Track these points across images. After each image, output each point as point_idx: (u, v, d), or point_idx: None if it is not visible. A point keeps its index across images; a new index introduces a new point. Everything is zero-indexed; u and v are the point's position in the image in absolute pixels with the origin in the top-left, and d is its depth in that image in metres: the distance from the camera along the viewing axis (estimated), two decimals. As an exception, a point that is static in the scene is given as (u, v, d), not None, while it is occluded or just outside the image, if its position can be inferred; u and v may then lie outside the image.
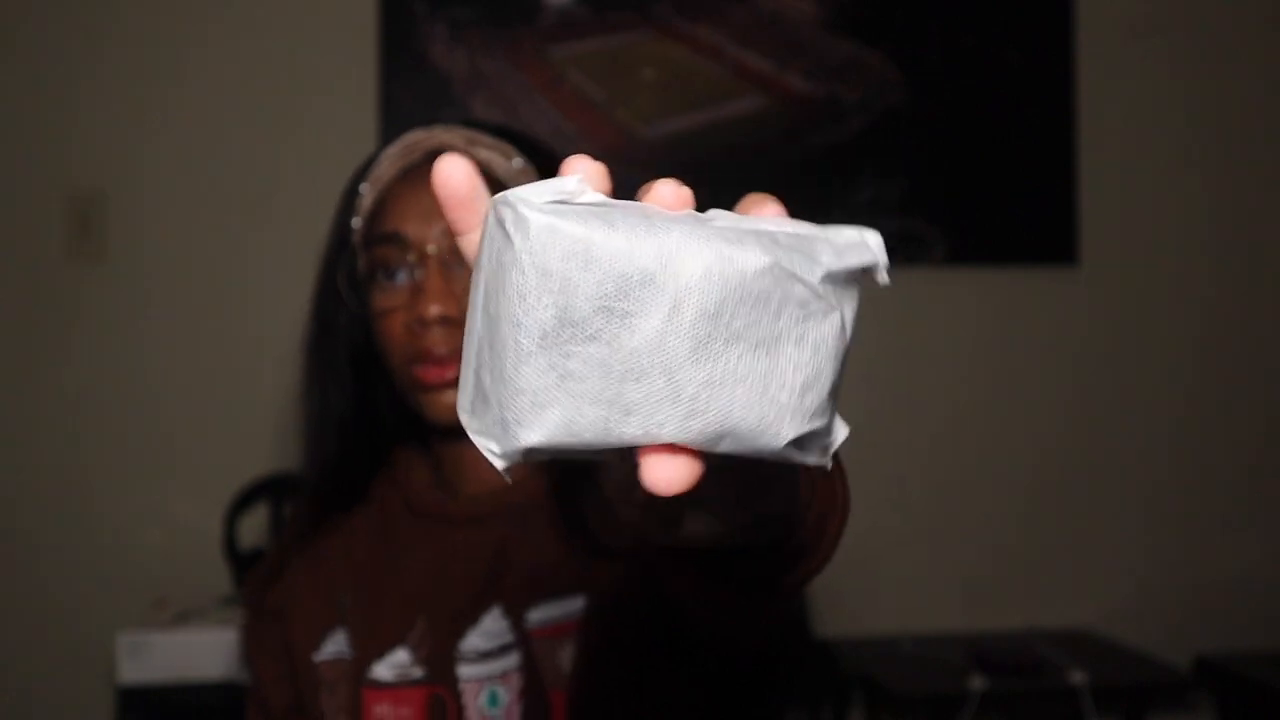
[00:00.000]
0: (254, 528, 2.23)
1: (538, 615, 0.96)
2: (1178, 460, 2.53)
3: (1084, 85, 2.47)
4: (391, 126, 2.27)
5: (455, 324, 0.93)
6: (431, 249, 0.95)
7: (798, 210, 0.50)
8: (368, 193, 1.02)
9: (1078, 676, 2.06)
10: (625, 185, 0.52)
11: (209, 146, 2.28)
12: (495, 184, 0.96)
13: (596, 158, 0.50)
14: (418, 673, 0.97)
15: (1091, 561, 2.50)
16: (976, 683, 2.04)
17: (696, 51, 2.36)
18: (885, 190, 2.39)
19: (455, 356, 0.93)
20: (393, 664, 0.97)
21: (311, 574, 1.04)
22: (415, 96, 2.29)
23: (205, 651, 1.77)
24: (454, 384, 0.93)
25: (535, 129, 2.31)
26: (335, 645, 1.01)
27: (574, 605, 0.96)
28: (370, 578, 1.02)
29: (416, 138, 1.01)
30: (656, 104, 2.35)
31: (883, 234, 0.54)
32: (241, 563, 2.13)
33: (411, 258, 0.96)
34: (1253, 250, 2.57)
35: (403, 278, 0.96)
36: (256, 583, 1.07)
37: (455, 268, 0.95)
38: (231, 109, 2.29)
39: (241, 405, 2.29)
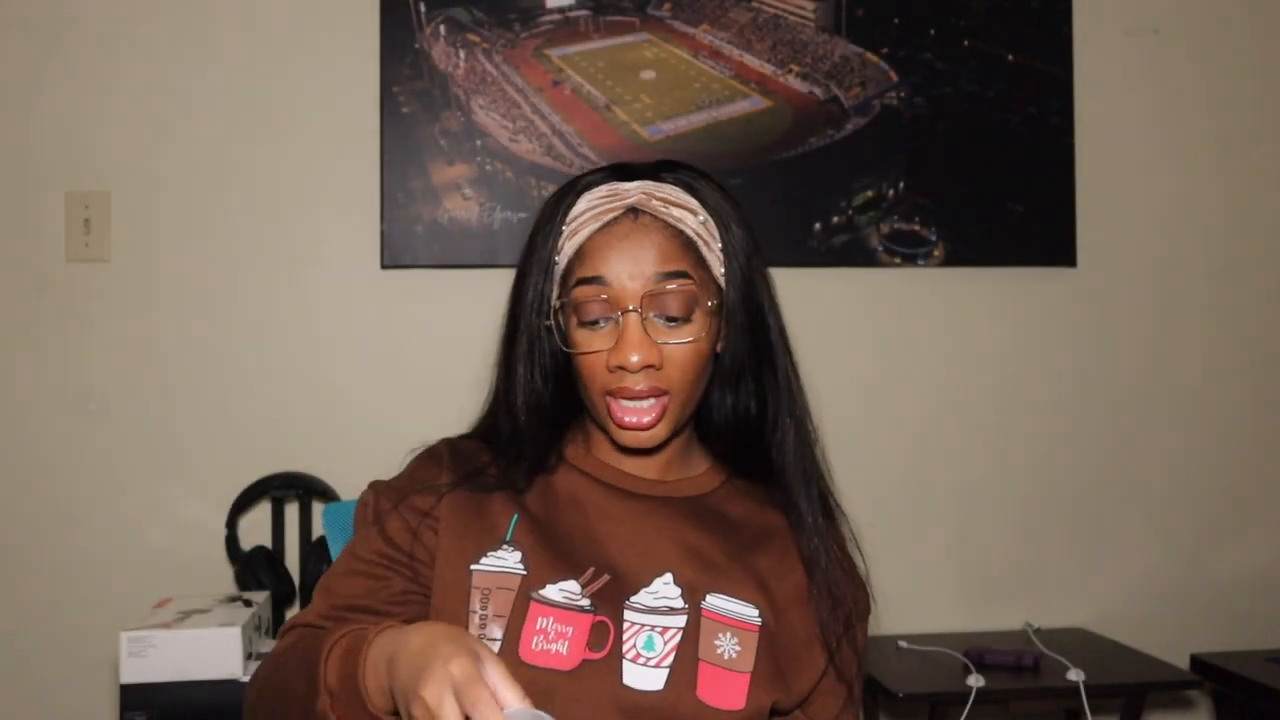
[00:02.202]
0: (255, 527, 2.23)
1: (714, 601, 1.10)
2: (1175, 461, 2.54)
3: (1082, 87, 2.48)
4: (392, 127, 2.28)
5: (653, 368, 1.08)
6: (632, 306, 1.08)
7: (798, 211, 0.51)
8: (568, 234, 1.13)
9: (1075, 675, 2.07)
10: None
11: (210, 146, 2.29)
12: (687, 240, 1.11)
13: (597, 158, 0.53)
14: (585, 603, 1.08)
15: (1089, 561, 2.51)
16: (974, 681, 2.05)
17: (696, 53, 2.37)
18: (884, 191, 2.39)
19: (650, 393, 1.09)
20: (563, 589, 1.08)
21: (478, 503, 1.14)
22: (415, 96, 2.29)
23: (208, 650, 1.77)
24: (646, 426, 1.09)
25: (535, 130, 2.32)
26: (496, 560, 1.11)
27: (747, 611, 1.11)
28: (542, 520, 1.14)
29: (615, 189, 1.12)
30: (656, 105, 2.36)
31: (882, 234, 0.55)
32: (243, 561, 2.13)
33: (612, 306, 1.09)
34: (1251, 252, 2.58)
35: (604, 324, 1.09)
36: (401, 484, 1.17)
37: (652, 319, 1.08)
38: (232, 109, 2.29)
39: (243, 405, 2.29)
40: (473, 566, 1.10)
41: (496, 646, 1.06)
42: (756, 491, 1.19)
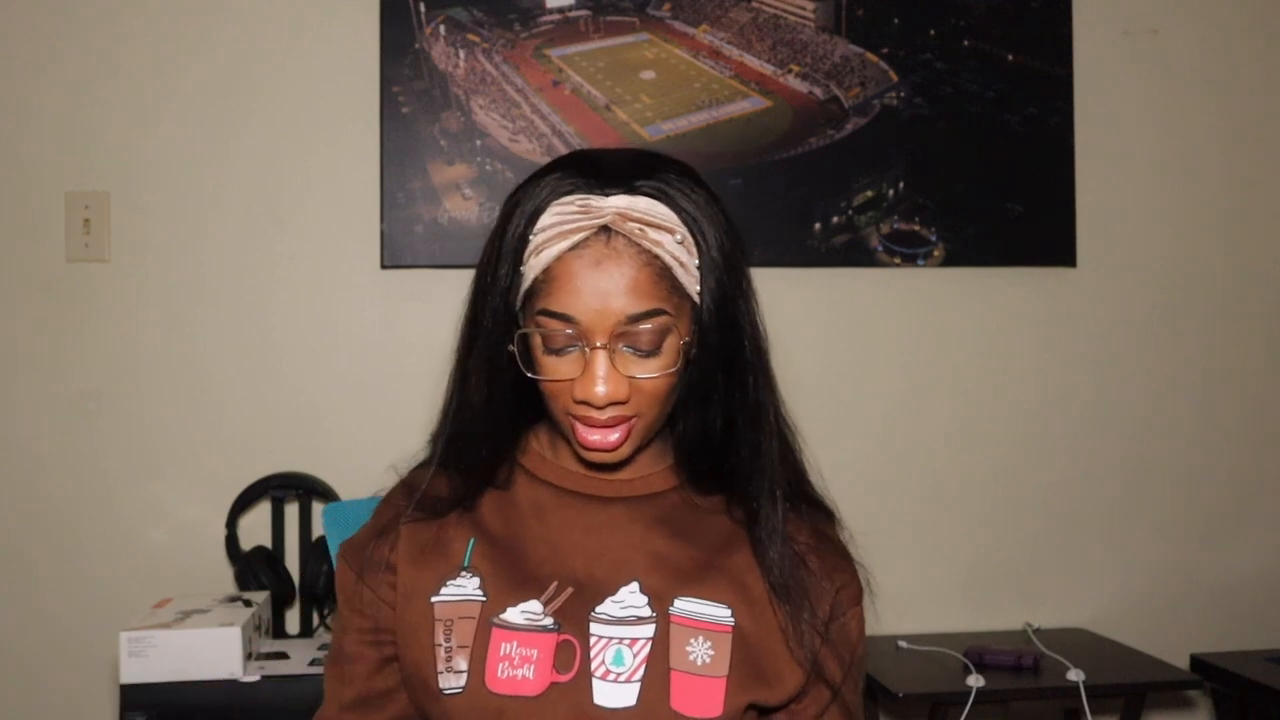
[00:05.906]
0: (255, 527, 2.23)
1: (682, 605, 1.07)
2: (1175, 460, 2.54)
3: (1082, 87, 2.48)
4: (392, 127, 2.28)
5: (619, 402, 1.04)
6: (600, 343, 1.02)
7: (798, 211, 0.51)
8: (534, 248, 1.05)
9: (1075, 675, 2.07)
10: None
11: (210, 147, 2.29)
12: (663, 267, 1.03)
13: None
14: (548, 622, 1.06)
15: (1089, 561, 2.51)
16: (974, 681, 2.05)
17: (696, 53, 2.37)
18: (884, 191, 2.39)
19: (614, 422, 1.05)
20: (524, 611, 1.06)
21: (434, 529, 1.12)
22: (415, 96, 2.30)
23: (207, 650, 1.77)
24: (612, 447, 1.05)
25: (535, 130, 2.32)
26: (455, 589, 1.08)
27: (718, 612, 1.07)
28: (501, 538, 1.11)
29: (588, 204, 1.03)
30: (656, 105, 2.36)
31: (882, 234, 0.55)
32: (243, 561, 2.13)
33: (579, 339, 1.03)
34: (1251, 252, 2.58)
35: (570, 350, 1.04)
36: (362, 541, 1.15)
37: (621, 350, 1.03)
38: (232, 109, 2.29)
39: (242, 405, 2.29)
40: (433, 598, 1.08)
41: (463, 679, 1.04)
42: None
